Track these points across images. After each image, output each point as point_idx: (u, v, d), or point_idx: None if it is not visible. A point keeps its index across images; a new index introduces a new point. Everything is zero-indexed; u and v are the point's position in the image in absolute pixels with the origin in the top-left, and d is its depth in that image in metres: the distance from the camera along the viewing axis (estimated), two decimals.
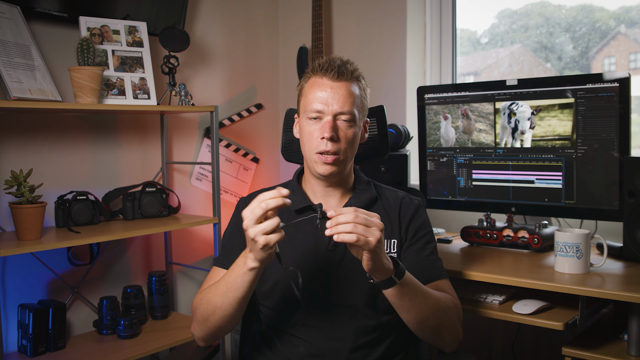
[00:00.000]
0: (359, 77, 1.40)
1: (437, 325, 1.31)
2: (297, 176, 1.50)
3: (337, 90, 1.35)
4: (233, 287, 1.24)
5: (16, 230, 1.80)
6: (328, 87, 1.36)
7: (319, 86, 1.37)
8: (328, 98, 1.35)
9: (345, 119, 1.36)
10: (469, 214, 2.28)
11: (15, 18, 1.89)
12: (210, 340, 1.40)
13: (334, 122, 1.35)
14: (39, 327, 1.90)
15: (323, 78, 1.37)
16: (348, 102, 1.36)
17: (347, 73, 1.36)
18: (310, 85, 1.39)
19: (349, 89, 1.37)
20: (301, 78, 1.45)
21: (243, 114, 2.79)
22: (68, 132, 2.15)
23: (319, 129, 1.36)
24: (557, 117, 1.86)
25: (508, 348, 2.25)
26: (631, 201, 1.69)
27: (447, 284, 1.42)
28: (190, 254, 2.57)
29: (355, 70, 1.40)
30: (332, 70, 1.36)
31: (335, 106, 1.35)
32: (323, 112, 1.36)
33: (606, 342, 1.60)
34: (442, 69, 2.59)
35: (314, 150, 1.37)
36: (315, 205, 1.15)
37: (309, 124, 1.38)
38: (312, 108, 1.36)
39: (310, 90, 1.38)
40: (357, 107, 1.38)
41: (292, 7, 2.91)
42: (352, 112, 1.36)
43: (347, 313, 1.37)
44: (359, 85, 1.40)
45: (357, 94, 1.38)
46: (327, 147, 1.34)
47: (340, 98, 1.35)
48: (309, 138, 1.38)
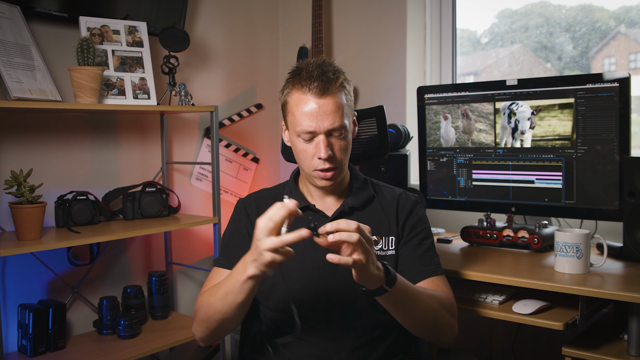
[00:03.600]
0: (342, 82, 1.33)
1: (432, 324, 1.32)
2: (294, 177, 1.50)
3: (324, 107, 1.29)
4: (233, 292, 1.22)
5: (16, 230, 1.80)
6: (314, 105, 1.29)
7: (305, 104, 1.30)
8: (317, 116, 1.29)
9: (338, 134, 1.32)
10: (469, 214, 2.28)
11: (15, 18, 1.89)
12: (211, 341, 1.40)
13: (328, 140, 1.31)
14: (39, 327, 1.90)
15: (307, 94, 1.30)
16: (338, 117, 1.31)
17: (330, 86, 1.30)
18: (296, 103, 1.32)
19: (336, 102, 1.31)
20: (284, 87, 1.38)
21: (243, 114, 2.79)
22: (68, 132, 2.15)
23: (313, 147, 1.33)
24: (557, 117, 1.86)
25: (508, 348, 2.25)
26: (631, 201, 1.69)
27: (442, 280, 1.42)
28: (190, 254, 2.57)
29: (338, 78, 1.32)
30: (314, 85, 1.29)
31: (326, 123, 1.30)
32: (315, 132, 1.31)
33: (606, 342, 1.60)
34: (442, 69, 2.59)
35: (311, 168, 1.35)
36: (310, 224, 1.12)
37: (302, 142, 1.34)
38: (303, 129, 1.31)
39: (297, 109, 1.32)
40: (347, 115, 1.34)
41: (292, 7, 2.91)
42: (344, 125, 1.32)
43: (347, 313, 1.37)
44: (344, 91, 1.34)
45: (344, 103, 1.33)
46: (325, 165, 1.33)
47: (329, 115, 1.30)
48: (304, 156, 1.35)
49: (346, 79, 1.36)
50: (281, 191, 1.49)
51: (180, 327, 2.20)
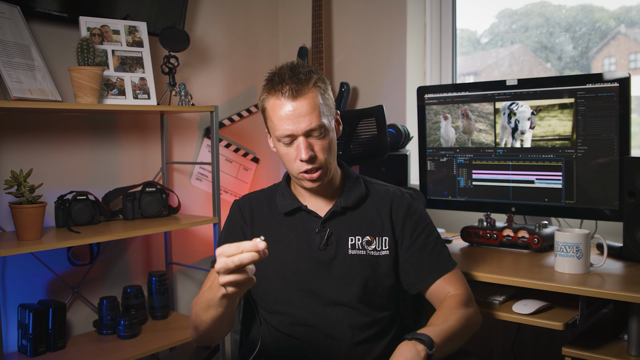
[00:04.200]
0: (315, 82, 1.32)
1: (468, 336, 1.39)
2: (286, 178, 1.50)
3: (299, 108, 1.29)
4: (213, 306, 1.22)
5: (16, 230, 1.80)
6: (289, 108, 1.30)
7: (280, 108, 1.31)
8: (293, 119, 1.30)
9: (317, 134, 1.32)
10: (469, 214, 2.28)
11: (15, 18, 1.89)
12: (207, 343, 1.41)
13: (307, 141, 1.31)
14: (39, 327, 1.90)
15: (281, 99, 1.31)
16: (314, 117, 1.30)
17: (302, 86, 1.30)
18: (272, 108, 1.33)
19: (311, 102, 1.30)
20: (260, 94, 1.39)
21: (243, 114, 2.79)
22: (68, 132, 2.15)
23: (294, 150, 1.33)
24: (557, 117, 1.86)
25: (508, 348, 2.25)
26: (631, 201, 1.69)
27: (455, 276, 1.43)
28: (190, 254, 2.57)
29: (310, 79, 1.31)
30: (285, 89, 1.29)
31: (303, 124, 1.30)
32: (293, 134, 1.31)
33: (606, 342, 1.60)
34: (442, 69, 2.59)
35: (297, 171, 1.35)
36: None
37: (283, 147, 1.35)
38: (282, 134, 1.32)
39: (274, 114, 1.32)
40: (325, 114, 1.33)
41: (292, 7, 2.91)
42: (322, 124, 1.32)
43: (342, 311, 1.37)
44: (319, 92, 1.33)
45: (320, 102, 1.32)
46: (309, 166, 1.33)
47: (305, 115, 1.30)
48: (288, 160, 1.36)
49: (320, 78, 1.35)
50: (274, 192, 1.50)
51: (180, 327, 2.20)
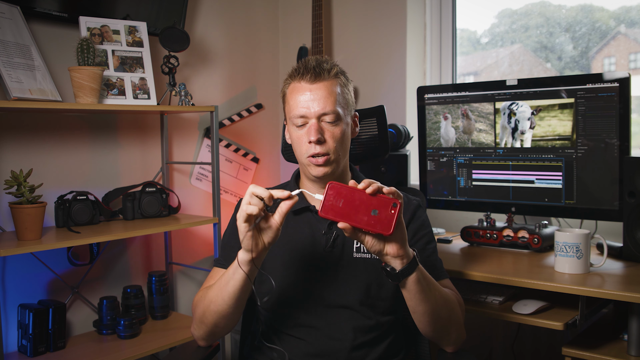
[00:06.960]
0: (337, 74, 1.39)
1: (447, 318, 1.31)
2: (294, 178, 1.50)
3: (316, 92, 1.35)
4: (226, 282, 1.25)
5: (16, 230, 1.80)
6: (307, 91, 1.35)
7: (298, 91, 1.37)
8: (309, 101, 1.35)
9: (330, 120, 1.35)
10: (469, 214, 2.28)
11: (15, 18, 1.89)
12: (210, 340, 1.40)
13: (319, 124, 1.35)
14: (39, 327, 1.90)
15: (301, 82, 1.37)
16: (329, 102, 1.35)
17: (323, 73, 1.36)
18: (291, 92, 1.39)
19: (328, 88, 1.36)
20: (284, 81, 1.45)
21: (243, 114, 2.79)
22: (68, 132, 2.15)
23: (305, 133, 1.36)
24: (557, 117, 1.86)
25: (508, 348, 2.25)
26: (631, 201, 1.69)
27: (449, 284, 1.44)
28: (190, 254, 2.57)
29: (333, 68, 1.38)
30: (308, 73, 1.36)
31: (317, 108, 1.34)
32: (306, 116, 1.35)
33: (606, 342, 1.60)
34: (442, 69, 2.59)
35: (304, 155, 1.37)
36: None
37: (296, 130, 1.38)
38: (296, 114, 1.36)
39: (292, 97, 1.38)
40: (340, 104, 1.37)
41: (292, 7, 2.91)
42: (335, 111, 1.36)
43: (345, 313, 1.37)
44: (339, 82, 1.39)
45: (338, 92, 1.37)
46: (316, 149, 1.35)
47: (320, 99, 1.35)
48: (299, 143, 1.38)
49: (343, 73, 1.41)
50: None
51: (180, 327, 2.20)
